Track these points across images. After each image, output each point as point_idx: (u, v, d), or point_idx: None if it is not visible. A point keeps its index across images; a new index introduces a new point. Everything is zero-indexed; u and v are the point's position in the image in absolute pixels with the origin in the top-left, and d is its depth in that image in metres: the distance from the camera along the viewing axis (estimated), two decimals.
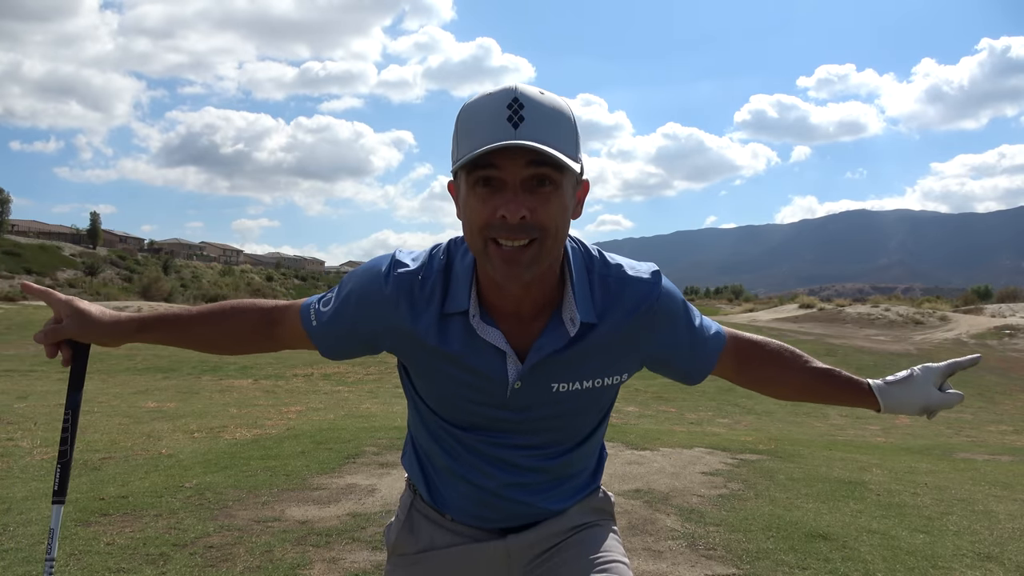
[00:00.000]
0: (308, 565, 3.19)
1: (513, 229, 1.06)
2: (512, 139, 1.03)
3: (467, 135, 1.08)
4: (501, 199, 1.06)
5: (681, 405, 10.77)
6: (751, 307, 38.96)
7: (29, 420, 7.02)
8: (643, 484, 4.84)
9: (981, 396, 13.00)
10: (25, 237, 69.95)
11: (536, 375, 1.20)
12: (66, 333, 1.34)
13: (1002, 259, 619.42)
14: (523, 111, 1.05)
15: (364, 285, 1.23)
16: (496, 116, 1.05)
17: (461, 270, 1.20)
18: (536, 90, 1.08)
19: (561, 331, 1.18)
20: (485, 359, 1.19)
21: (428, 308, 1.19)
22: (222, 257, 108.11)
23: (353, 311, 1.24)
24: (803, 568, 3.31)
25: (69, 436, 1.38)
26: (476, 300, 1.19)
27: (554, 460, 1.30)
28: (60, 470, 1.38)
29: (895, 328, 23.26)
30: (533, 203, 1.06)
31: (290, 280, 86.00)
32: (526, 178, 1.06)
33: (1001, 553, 3.63)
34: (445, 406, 1.27)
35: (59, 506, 1.39)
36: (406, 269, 1.21)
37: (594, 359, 1.21)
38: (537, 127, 1.05)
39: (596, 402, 1.28)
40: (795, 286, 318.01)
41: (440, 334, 1.19)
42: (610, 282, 1.22)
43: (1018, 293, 34.01)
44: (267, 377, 12.40)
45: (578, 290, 1.19)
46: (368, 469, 5.05)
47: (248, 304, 1.37)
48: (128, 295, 45.46)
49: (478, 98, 1.10)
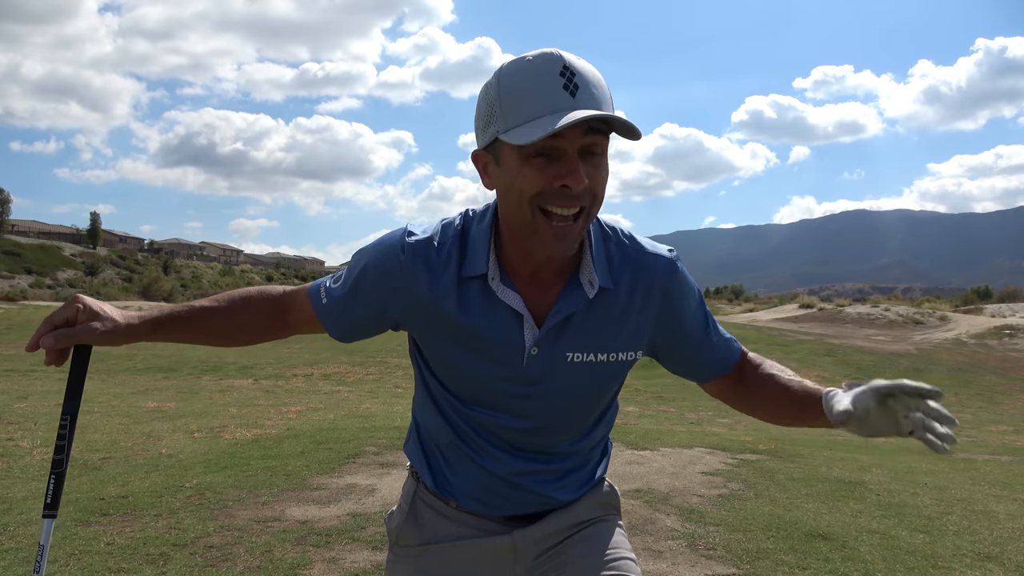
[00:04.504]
0: (308, 565, 3.19)
1: (569, 197, 1.06)
2: (572, 107, 1.02)
3: (519, 103, 1.05)
4: (562, 168, 1.05)
5: (681, 405, 10.78)
6: (751, 307, 38.96)
7: (29, 420, 7.02)
8: (643, 484, 4.84)
9: (981, 396, 13.01)
10: (25, 237, 69.97)
11: (552, 340, 1.18)
12: (81, 337, 1.21)
13: (1001, 259, 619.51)
14: (576, 79, 1.04)
15: (379, 255, 1.22)
16: (550, 84, 1.03)
17: (478, 234, 1.19)
18: (574, 56, 1.07)
19: (579, 292, 1.18)
20: (502, 324, 1.18)
21: (445, 273, 1.18)
22: (222, 257, 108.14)
23: (369, 282, 1.22)
24: (803, 568, 3.31)
25: (66, 445, 1.24)
26: (496, 263, 1.18)
27: (563, 447, 1.29)
28: (54, 481, 1.24)
29: (895, 328, 23.26)
30: (589, 171, 1.06)
31: (290, 280, 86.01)
32: (583, 147, 1.05)
33: (1001, 553, 3.63)
34: (457, 381, 1.25)
35: (50, 520, 1.24)
36: (420, 237, 1.20)
37: (609, 329, 1.20)
38: (591, 94, 1.04)
39: (606, 380, 1.26)
40: (795, 286, 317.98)
41: (458, 299, 1.18)
42: (628, 251, 1.22)
43: (1018, 293, 34.02)
44: (267, 377, 12.40)
45: (596, 255, 1.19)
46: (368, 469, 5.05)
47: (258, 294, 1.34)
48: (128, 295, 45.46)
49: (520, 65, 1.07)
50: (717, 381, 1.35)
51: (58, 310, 1.24)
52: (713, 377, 1.33)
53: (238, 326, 1.33)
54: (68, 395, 1.26)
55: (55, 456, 1.24)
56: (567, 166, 1.05)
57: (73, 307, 1.23)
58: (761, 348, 17.31)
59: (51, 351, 1.20)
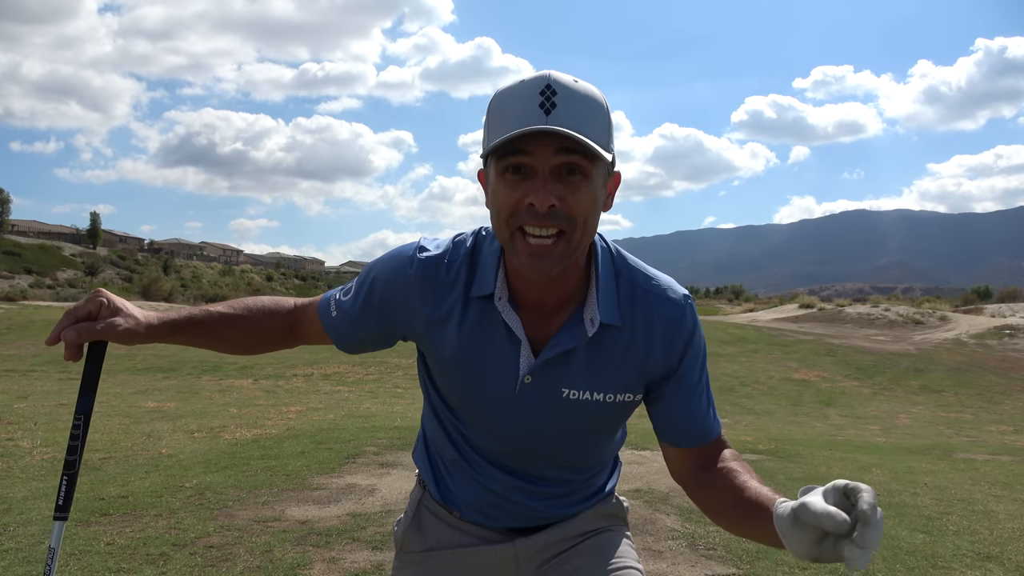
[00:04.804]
0: (308, 565, 3.19)
1: (541, 217, 1.04)
2: (542, 124, 1.01)
3: (499, 121, 1.05)
4: (530, 186, 1.04)
5: None
6: (751, 307, 38.96)
7: (29, 420, 7.02)
8: (643, 484, 4.84)
9: (981, 396, 13.00)
10: (25, 237, 69.98)
11: (548, 374, 1.17)
12: (104, 334, 1.16)
13: (1001, 259, 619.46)
14: (556, 98, 1.03)
15: (390, 269, 1.22)
16: (528, 102, 1.03)
17: (489, 254, 1.19)
18: (571, 78, 1.06)
19: (579, 329, 1.16)
20: (500, 346, 1.17)
21: (452, 291, 1.18)
22: (222, 257, 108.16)
23: (378, 296, 1.23)
24: (803, 568, 3.31)
25: (80, 445, 1.18)
26: (505, 284, 1.17)
27: (560, 473, 1.28)
28: (66, 482, 1.17)
29: (895, 328, 23.27)
30: (563, 192, 1.04)
31: (290, 280, 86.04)
32: (556, 166, 1.04)
33: (1001, 553, 3.63)
34: (454, 398, 1.26)
35: (61, 523, 1.18)
36: (432, 253, 1.20)
37: (609, 369, 1.18)
38: (569, 114, 1.02)
39: (603, 420, 1.23)
40: (795, 286, 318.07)
41: (462, 318, 1.18)
42: (638, 291, 1.19)
43: (1018, 293, 34.02)
44: (267, 377, 12.40)
45: (602, 291, 1.16)
46: (368, 469, 5.05)
47: (273, 305, 1.35)
48: (128, 295, 45.47)
49: (511, 85, 1.08)
50: (685, 455, 1.23)
51: (80, 303, 1.19)
52: (685, 444, 1.23)
53: (252, 336, 1.34)
54: (82, 391, 1.19)
55: (68, 457, 1.18)
56: (534, 184, 1.04)
57: (96, 301, 1.18)
58: (761, 348, 17.32)
59: (71, 345, 1.14)
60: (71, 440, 1.18)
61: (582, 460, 1.29)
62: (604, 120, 1.07)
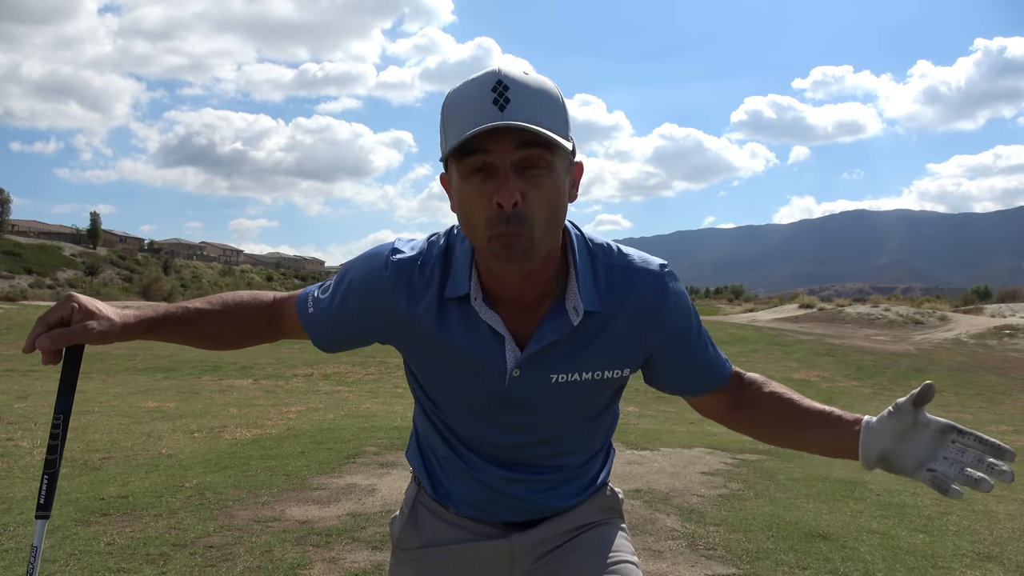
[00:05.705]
0: (308, 565, 3.20)
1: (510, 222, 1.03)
2: (498, 120, 1.00)
3: (453, 123, 1.05)
4: (493, 185, 1.03)
5: (681, 405, 10.75)
6: (751, 307, 38.97)
7: (29, 420, 7.02)
8: (643, 484, 4.84)
9: (981, 396, 13.00)
10: (25, 237, 69.99)
11: (535, 364, 1.17)
12: (77, 337, 1.17)
13: (1001, 259, 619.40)
14: (508, 92, 1.02)
15: (364, 271, 1.22)
16: (481, 100, 1.02)
17: (461, 254, 1.18)
18: (520, 70, 1.05)
19: (563, 320, 1.16)
20: (483, 345, 1.17)
21: (427, 293, 1.18)
22: (222, 257, 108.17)
23: (353, 297, 1.23)
24: (803, 568, 3.31)
25: (59, 444, 1.21)
26: (478, 283, 1.17)
27: (554, 460, 1.28)
28: (47, 481, 1.20)
29: (895, 328, 23.27)
30: (526, 187, 1.03)
31: (290, 280, 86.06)
32: (517, 161, 1.03)
33: (1001, 553, 3.64)
34: (442, 396, 1.26)
35: (43, 521, 1.20)
36: (405, 255, 1.20)
37: (595, 350, 1.19)
38: (524, 108, 1.02)
39: (596, 397, 1.25)
40: (795, 286, 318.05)
41: (439, 320, 1.17)
42: (615, 271, 1.19)
43: (1018, 293, 34.03)
44: (267, 377, 12.40)
45: (582, 278, 1.16)
46: (368, 469, 5.05)
47: (251, 299, 1.35)
48: (128, 295, 45.48)
49: (461, 85, 1.07)
50: (710, 399, 1.33)
51: (52, 309, 1.20)
52: (705, 391, 1.31)
53: (231, 330, 1.34)
54: (60, 393, 1.22)
55: (48, 456, 1.21)
56: (497, 182, 1.03)
57: (68, 306, 1.19)
58: (761, 348, 17.32)
59: (47, 351, 1.16)
60: (51, 440, 1.21)
61: (575, 444, 1.30)
62: (559, 109, 1.07)
